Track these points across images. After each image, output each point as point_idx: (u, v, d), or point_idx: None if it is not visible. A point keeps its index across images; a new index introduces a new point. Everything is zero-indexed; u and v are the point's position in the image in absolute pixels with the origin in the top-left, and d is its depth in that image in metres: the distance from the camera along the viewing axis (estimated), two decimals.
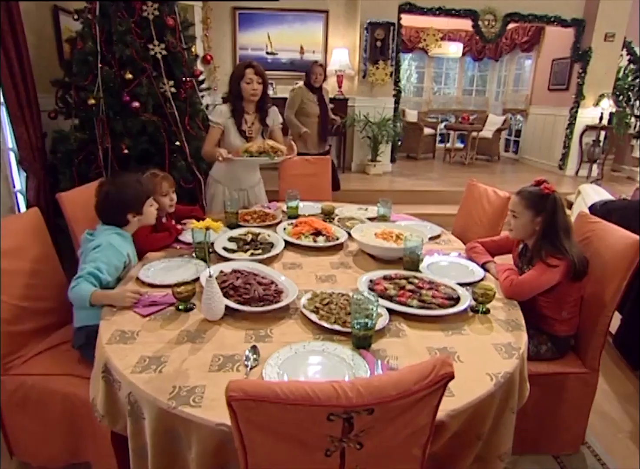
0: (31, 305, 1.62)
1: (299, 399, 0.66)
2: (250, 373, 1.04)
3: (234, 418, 0.70)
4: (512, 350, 1.22)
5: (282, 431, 0.71)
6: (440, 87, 8.97)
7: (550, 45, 6.57)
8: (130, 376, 1.02)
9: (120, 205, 1.62)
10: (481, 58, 8.10)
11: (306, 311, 1.31)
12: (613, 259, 1.59)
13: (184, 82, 3.11)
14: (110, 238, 1.55)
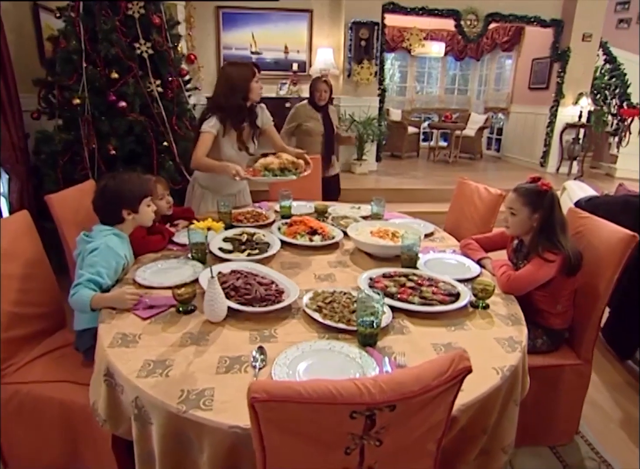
0: (23, 310, 1.57)
1: (322, 398, 0.66)
2: (259, 374, 1.03)
3: (255, 419, 0.69)
4: (515, 344, 1.24)
5: (303, 430, 0.71)
6: (422, 86, 9.05)
7: (530, 45, 6.70)
8: (136, 381, 1.00)
9: (115, 199, 1.58)
10: (463, 57, 8.21)
11: (309, 310, 1.31)
12: (605, 253, 1.63)
13: (170, 82, 3.07)
14: (107, 240, 1.51)
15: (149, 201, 1.70)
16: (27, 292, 1.60)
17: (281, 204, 2.29)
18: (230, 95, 2.18)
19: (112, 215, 1.61)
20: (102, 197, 1.61)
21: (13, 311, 1.53)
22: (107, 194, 1.60)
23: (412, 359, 1.13)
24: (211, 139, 2.17)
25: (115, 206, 1.60)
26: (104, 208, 1.62)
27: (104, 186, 1.61)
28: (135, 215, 1.64)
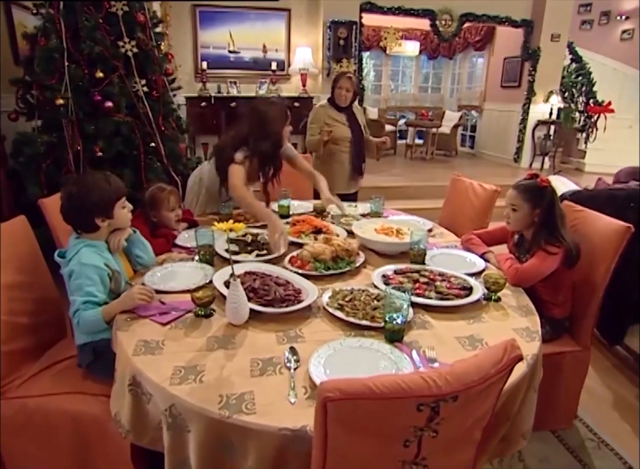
0: (24, 321, 1.51)
1: (393, 393, 0.66)
2: (295, 374, 1.03)
3: (322, 419, 0.69)
4: (532, 333, 1.28)
5: (369, 426, 0.72)
6: (397, 85, 9.18)
7: (501, 44, 6.90)
8: (170, 389, 0.98)
9: (86, 208, 1.40)
10: (436, 56, 8.38)
11: (331, 308, 1.31)
12: (601, 245, 1.71)
13: (155, 81, 3.01)
14: (80, 257, 1.37)
15: (123, 202, 1.51)
16: (27, 301, 1.53)
17: (280, 204, 2.28)
18: (262, 140, 2.03)
19: (85, 225, 1.44)
20: (70, 206, 1.41)
21: (14, 321, 1.47)
22: (76, 203, 1.40)
23: (441, 352, 1.15)
24: (243, 171, 2.01)
25: (86, 214, 1.41)
26: (74, 218, 1.44)
27: (69, 194, 1.40)
28: (110, 220, 1.47)
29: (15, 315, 1.47)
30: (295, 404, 0.94)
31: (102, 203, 1.43)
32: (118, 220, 1.51)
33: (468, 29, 7.36)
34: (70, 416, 1.36)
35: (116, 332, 1.23)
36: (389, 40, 6.25)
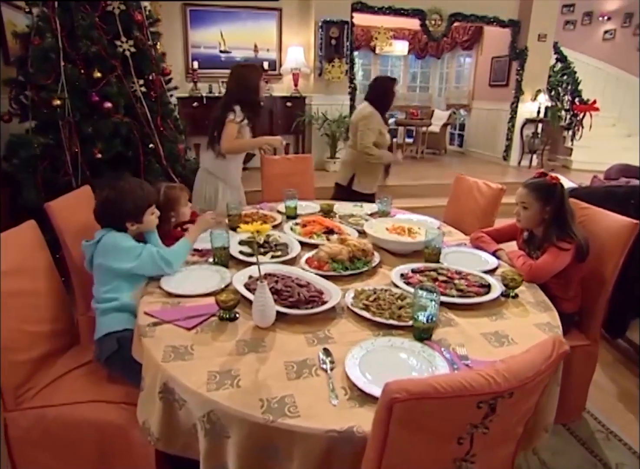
0: (36, 328, 1.48)
1: (456, 391, 0.67)
2: (332, 375, 1.03)
3: (385, 419, 0.69)
4: (554, 328, 1.31)
5: (429, 425, 0.72)
6: None
7: (489, 44, 6.99)
8: (208, 395, 0.96)
9: (119, 213, 1.53)
10: (424, 56, 8.45)
11: (356, 309, 1.32)
12: (608, 241, 1.74)
13: (152, 81, 2.96)
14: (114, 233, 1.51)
15: (153, 209, 1.64)
16: (40, 308, 1.50)
17: (287, 204, 2.27)
18: (244, 94, 2.39)
19: (115, 226, 1.55)
20: (105, 209, 1.54)
21: (27, 329, 1.43)
22: (110, 206, 1.52)
23: (471, 349, 1.17)
24: (236, 129, 2.39)
25: (119, 218, 1.54)
26: (106, 220, 1.55)
27: (105, 198, 1.53)
28: (140, 225, 1.59)
29: (29, 323, 1.44)
30: (338, 406, 0.94)
31: (134, 209, 1.54)
32: (146, 225, 1.60)
33: (456, 28, 7.43)
34: (92, 425, 1.33)
35: (140, 339, 1.20)
36: (379, 40, 6.28)
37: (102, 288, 1.49)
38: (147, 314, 1.30)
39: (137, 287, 1.50)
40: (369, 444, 0.76)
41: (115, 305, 1.47)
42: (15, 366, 1.36)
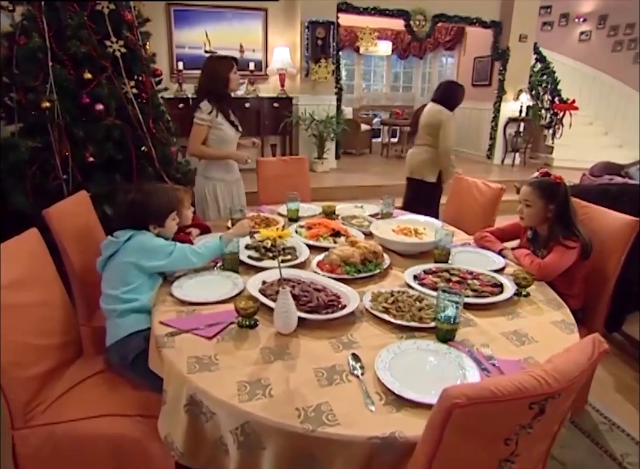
0: (44, 341, 1.42)
1: (512, 394, 0.67)
2: (364, 380, 1.02)
3: (441, 424, 0.69)
4: (569, 325, 1.33)
5: (481, 428, 0.72)
6: (368, 84, 9.28)
7: (471, 44, 7.10)
8: (241, 406, 0.94)
9: (144, 215, 1.55)
10: (406, 56, 8.53)
11: (376, 312, 1.31)
12: (611, 238, 1.79)
13: (143, 83, 2.90)
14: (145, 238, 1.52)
15: (175, 215, 1.66)
16: (47, 320, 1.45)
17: (289, 207, 2.26)
18: (213, 85, 2.37)
19: (138, 228, 1.54)
20: (130, 211, 1.54)
21: (35, 343, 1.37)
22: (135, 208, 1.54)
23: (495, 349, 1.18)
24: (204, 130, 2.36)
25: (142, 221, 1.55)
26: (131, 221, 1.54)
27: (132, 201, 1.54)
28: (161, 229, 1.60)
29: (36, 336, 1.38)
30: (375, 412, 0.93)
31: (159, 213, 1.57)
32: (167, 230, 1.62)
33: (439, 29, 7.50)
34: (107, 440, 1.29)
35: (160, 350, 1.16)
36: (365, 40, 6.30)
37: (123, 288, 1.46)
38: (163, 324, 1.27)
39: (155, 289, 1.49)
40: (419, 449, 0.76)
41: (135, 306, 1.45)
42: (23, 382, 1.30)
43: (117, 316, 1.46)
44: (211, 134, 2.40)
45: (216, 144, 2.44)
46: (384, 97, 9.22)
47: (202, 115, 2.35)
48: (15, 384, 1.26)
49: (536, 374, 0.71)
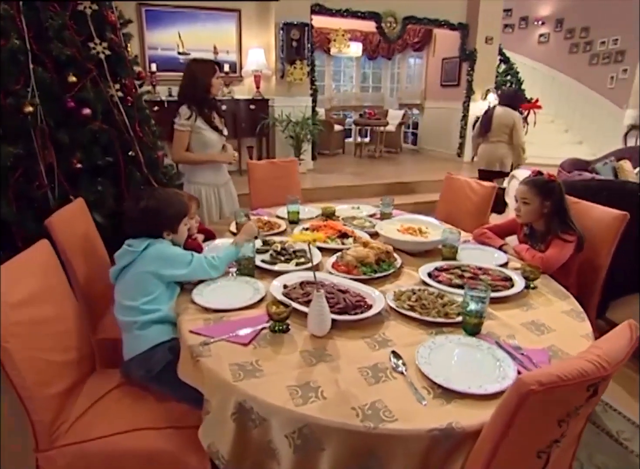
0: (62, 357, 1.37)
1: (576, 378, 0.73)
2: (409, 376, 1.06)
3: (514, 411, 0.74)
4: (580, 314, 1.43)
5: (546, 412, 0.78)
6: (338, 85, 9.36)
7: (439, 45, 7.30)
8: (299, 410, 0.95)
9: (159, 222, 1.52)
10: (375, 57, 8.66)
11: (402, 310, 1.35)
12: (600, 231, 1.90)
13: (127, 86, 2.82)
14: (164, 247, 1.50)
15: (187, 219, 1.64)
16: (64, 335, 1.40)
17: (289, 210, 2.27)
18: (194, 90, 2.40)
19: (152, 236, 1.51)
20: (144, 218, 1.50)
21: (53, 359, 1.32)
22: (150, 215, 1.50)
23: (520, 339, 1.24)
24: (185, 136, 2.39)
25: (157, 228, 1.53)
26: (144, 229, 1.51)
27: (145, 207, 1.50)
28: (174, 236, 1.58)
29: (54, 352, 1.33)
30: (428, 405, 0.97)
31: (173, 219, 1.55)
32: (179, 236, 1.60)
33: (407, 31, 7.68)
34: (139, 456, 1.26)
35: (197, 360, 1.15)
36: (337, 42, 6.36)
37: (143, 299, 1.42)
38: (194, 333, 1.25)
39: (174, 298, 1.47)
40: (486, 436, 0.80)
41: (157, 316, 1.42)
42: (47, 401, 1.25)
43: (137, 328, 1.42)
44: (193, 139, 2.42)
45: (200, 149, 2.44)
46: (354, 98, 9.32)
47: (182, 121, 2.38)
48: (39, 404, 1.22)
49: (591, 359, 0.77)
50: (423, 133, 8.30)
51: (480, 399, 0.99)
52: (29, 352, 1.20)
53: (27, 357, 1.19)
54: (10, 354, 1.14)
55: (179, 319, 1.34)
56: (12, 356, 1.14)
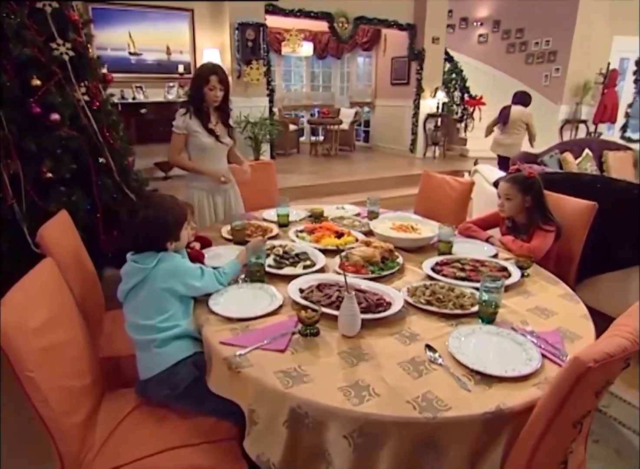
0: (79, 383, 1.31)
1: (619, 353, 0.83)
2: (447, 366, 1.13)
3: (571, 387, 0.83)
4: (573, 297, 1.57)
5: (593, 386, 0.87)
6: (288, 84, 9.36)
7: (389, 45, 7.52)
8: (358, 409, 0.99)
9: (162, 231, 1.44)
10: (324, 56, 8.75)
11: (421, 305, 1.42)
12: (574, 221, 2.08)
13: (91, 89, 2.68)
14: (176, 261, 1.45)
15: (187, 224, 1.57)
16: (76, 360, 1.33)
17: (279, 212, 2.27)
18: (191, 96, 2.39)
19: (156, 248, 1.44)
20: (146, 229, 1.42)
21: (71, 385, 1.26)
22: (152, 225, 1.42)
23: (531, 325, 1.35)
24: (181, 139, 2.35)
25: (160, 238, 1.44)
26: (147, 241, 1.43)
27: (146, 217, 1.41)
28: (177, 243, 1.51)
29: (71, 378, 1.27)
30: (474, 391, 1.05)
31: (175, 226, 1.47)
32: (182, 242, 1.53)
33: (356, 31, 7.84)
34: None
35: (239, 371, 1.14)
36: (291, 42, 6.36)
37: (160, 317, 1.37)
38: (225, 344, 1.24)
39: (190, 312, 1.44)
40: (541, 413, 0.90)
41: (177, 332, 1.38)
42: (72, 430, 1.20)
43: (157, 345, 1.37)
44: (189, 143, 2.37)
45: (196, 152, 2.39)
46: (304, 97, 9.37)
47: (177, 123, 2.33)
48: (67, 434, 1.17)
49: (626, 336, 0.87)
50: (375, 131, 8.52)
51: (517, 381, 1.08)
52: (53, 380, 1.15)
53: (53, 386, 1.14)
54: (37, 384, 1.08)
55: (203, 331, 1.33)
56: (39, 385, 1.08)
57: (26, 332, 1.08)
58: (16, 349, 1.03)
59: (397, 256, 1.80)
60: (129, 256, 1.45)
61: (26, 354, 1.05)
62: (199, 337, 1.43)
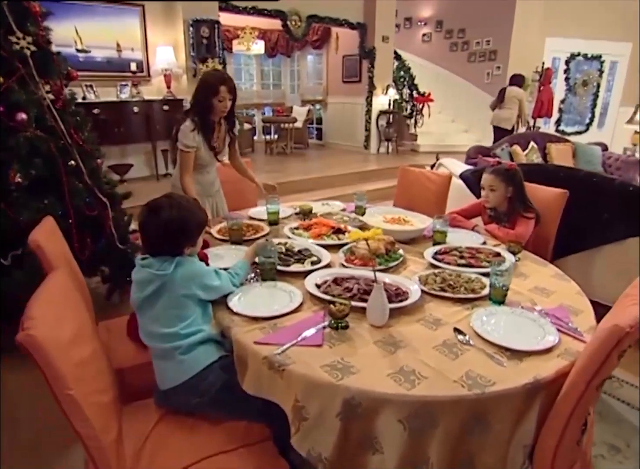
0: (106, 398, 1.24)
1: None
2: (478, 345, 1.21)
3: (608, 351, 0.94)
4: (563, 276, 1.71)
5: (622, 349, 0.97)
6: (238, 83, 9.21)
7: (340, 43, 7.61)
8: (412, 392, 1.04)
9: (184, 234, 1.38)
10: (275, 54, 8.71)
11: (435, 292, 1.50)
12: (547, 208, 2.25)
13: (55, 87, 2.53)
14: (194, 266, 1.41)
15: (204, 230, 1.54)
16: (101, 374, 1.27)
17: (269, 210, 2.27)
18: (197, 106, 2.24)
19: (173, 252, 1.38)
20: (168, 232, 1.34)
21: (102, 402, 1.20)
22: (174, 227, 1.34)
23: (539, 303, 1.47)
24: (191, 157, 2.26)
25: (180, 242, 1.38)
26: (167, 245, 1.36)
27: (169, 219, 1.33)
28: (192, 249, 1.46)
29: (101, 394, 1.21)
30: (508, 366, 1.13)
31: (195, 229, 1.42)
32: (197, 247, 1.48)
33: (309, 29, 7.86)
34: None
35: (283, 369, 1.14)
36: (245, 39, 6.28)
37: (182, 323, 1.33)
38: (260, 344, 1.24)
39: (210, 315, 1.42)
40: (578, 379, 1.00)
41: (201, 337, 1.35)
42: (111, 448, 1.14)
43: (182, 352, 1.33)
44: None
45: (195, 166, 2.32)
46: (255, 95, 9.28)
47: (187, 142, 2.21)
48: (107, 453, 1.12)
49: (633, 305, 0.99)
50: (328, 128, 8.61)
51: (543, 353, 1.18)
52: (89, 397, 1.09)
53: (90, 403, 1.08)
54: (77, 403, 1.02)
55: (232, 333, 1.31)
56: (79, 403, 1.02)
57: (62, 347, 1.02)
58: (55, 365, 0.97)
59: (398, 248, 1.86)
60: (138, 261, 1.39)
61: (65, 370, 1.00)
62: (222, 340, 1.41)
